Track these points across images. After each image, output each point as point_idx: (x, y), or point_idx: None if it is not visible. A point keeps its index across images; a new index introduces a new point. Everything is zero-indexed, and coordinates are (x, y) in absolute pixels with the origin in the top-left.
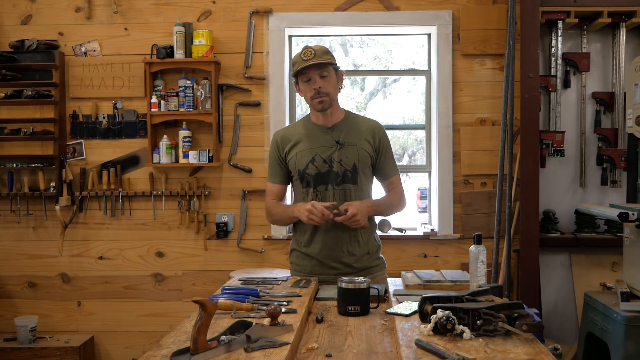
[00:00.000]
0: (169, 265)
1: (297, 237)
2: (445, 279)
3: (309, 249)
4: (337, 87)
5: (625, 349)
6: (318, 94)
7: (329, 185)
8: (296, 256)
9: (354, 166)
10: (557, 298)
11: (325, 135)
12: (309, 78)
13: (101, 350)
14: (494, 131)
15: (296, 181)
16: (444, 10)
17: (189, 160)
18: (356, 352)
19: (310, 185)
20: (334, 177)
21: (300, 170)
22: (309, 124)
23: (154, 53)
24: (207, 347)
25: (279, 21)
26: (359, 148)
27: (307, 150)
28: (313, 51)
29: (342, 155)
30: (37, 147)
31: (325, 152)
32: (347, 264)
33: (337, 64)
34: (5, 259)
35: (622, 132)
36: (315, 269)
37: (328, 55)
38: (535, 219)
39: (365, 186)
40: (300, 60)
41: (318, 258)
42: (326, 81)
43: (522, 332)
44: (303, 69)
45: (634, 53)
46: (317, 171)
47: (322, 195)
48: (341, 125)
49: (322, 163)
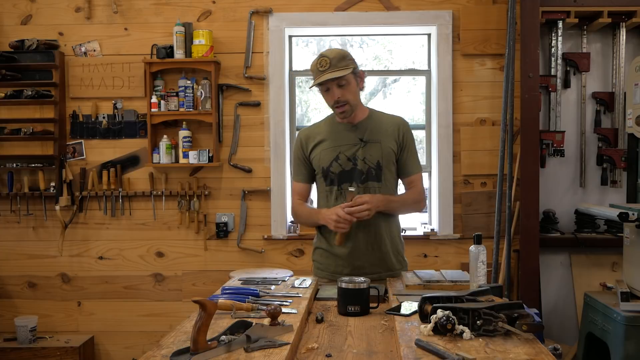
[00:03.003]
0: (169, 265)
1: (321, 234)
2: (445, 279)
3: (334, 248)
4: (358, 90)
5: (625, 349)
6: (338, 103)
7: (354, 184)
8: (320, 254)
9: (377, 164)
10: (557, 298)
11: (350, 133)
12: (328, 88)
13: (101, 350)
14: (494, 131)
15: (320, 179)
16: (444, 10)
17: (189, 160)
18: (356, 352)
19: (334, 184)
20: (358, 175)
21: (324, 168)
22: (333, 122)
23: (154, 53)
24: (207, 347)
25: (279, 21)
26: (383, 145)
27: (331, 149)
28: (328, 60)
29: (366, 152)
30: (37, 147)
31: (349, 150)
32: (372, 263)
33: (355, 66)
34: (5, 259)
35: (622, 132)
36: (339, 269)
37: (344, 62)
38: (535, 219)
39: (390, 184)
40: (316, 70)
41: (343, 257)
42: (345, 89)
43: (522, 332)
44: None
45: (634, 53)
46: (341, 169)
47: (345, 193)
48: (365, 123)
49: (346, 161)
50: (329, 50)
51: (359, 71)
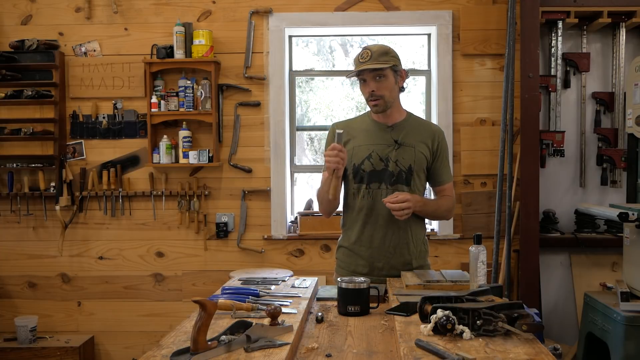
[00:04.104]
0: (169, 265)
1: (346, 233)
2: (445, 279)
3: (356, 247)
4: (396, 88)
5: (625, 349)
6: (372, 96)
7: (382, 184)
8: (342, 253)
9: (409, 168)
10: (557, 298)
11: (385, 134)
12: (365, 79)
13: (101, 350)
14: (494, 131)
15: (349, 176)
16: (444, 10)
17: (189, 160)
18: (356, 352)
19: (364, 182)
20: (389, 176)
21: (356, 165)
22: (369, 120)
23: (154, 53)
24: (207, 347)
25: (279, 21)
26: (417, 150)
27: (365, 146)
28: (370, 52)
29: (399, 155)
30: (37, 147)
31: (382, 150)
32: (393, 266)
33: (396, 64)
34: (5, 259)
35: (622, 132)
36: (359, 269)
37: (386, 57)
38: (535, 219)
39: (418, 189)
40: (357, 62)
41: (364, 257)
42: (381, 83)
43: (522, 332)
44: (359, 71)
45: (634, 53)
46: (372, 168)
47: (374, 193)
48: (401, 125)
49: (379, 161)
50: (374, 44)
51: (401, 69)
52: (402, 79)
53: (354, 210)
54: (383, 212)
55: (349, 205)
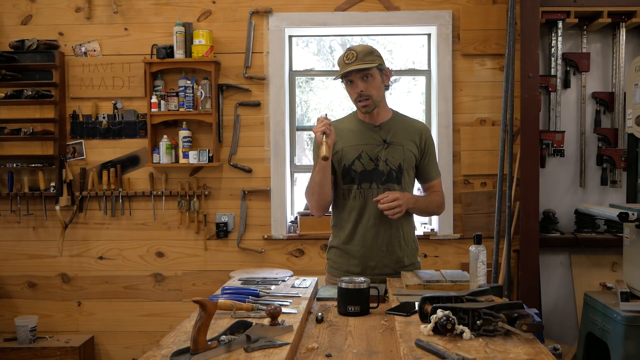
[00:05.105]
0: (169, 265)
1: (337, 233)
2: (445, 279)
3: (348, 247)
4: (382, 87)
5: (625, 349)
6: (360, 97)
7: (374, 184)
8: (334, 253)
9: (399, 166)
10: (557, 298)
11: (373, 134)
12: (351, 80)
13: (101, 350)
14: (494, 131)
15: (339, 177)
16: (444, 10)
17: (189, 160)
18: (356, 352)
19: (355, 182)
20: (379, 175)
21: (346, 165)
22: (356, 120)
23: (154, 53)
24: (207, 347)
25: (279, 21)
26: (405, 149)
27: (354, 146)
28: (355, 53)
29: (389, 154)
30: (37, 147)
31: (372, 150)
32: (386, 264)
33: (381, 63)
34: (5, 259)
35: (622, 132)
36: (352, 268)
37: (371, 56)
38: (535, 219)
39: (408, 187)
40: (342, 63)
41: (357, 256)
42: (369, 83)
43: (522, 332)
44: (346, 72)
45: (634, 53)
46: (363, 168)
47: (365, 193)
48: (389, 124)
49: (369, 161)
50: (357, 45)
51: (385, 68)
52: (388, 78)
53: (344, 210)
54: (374, 211)
55: (339, 205)
